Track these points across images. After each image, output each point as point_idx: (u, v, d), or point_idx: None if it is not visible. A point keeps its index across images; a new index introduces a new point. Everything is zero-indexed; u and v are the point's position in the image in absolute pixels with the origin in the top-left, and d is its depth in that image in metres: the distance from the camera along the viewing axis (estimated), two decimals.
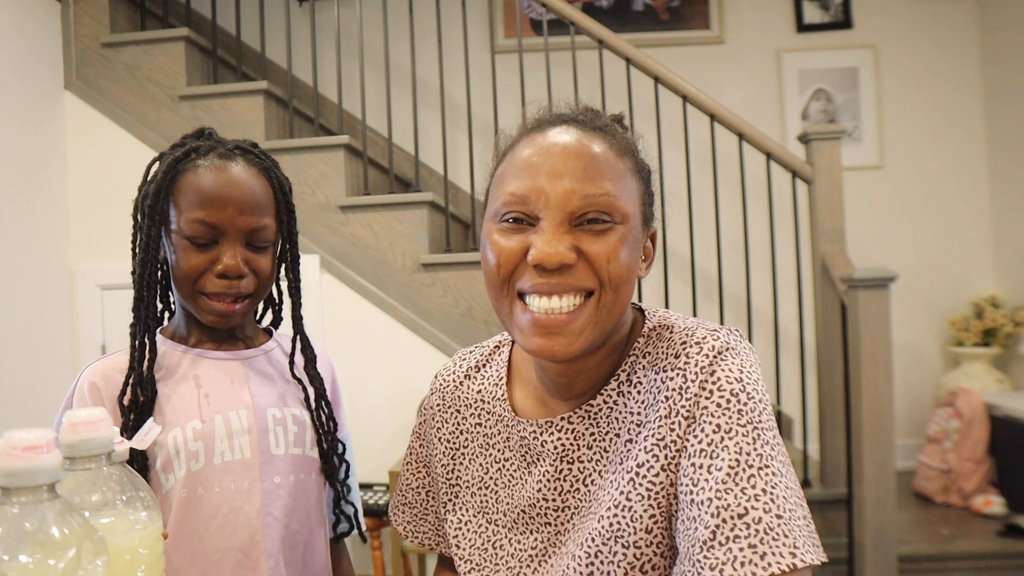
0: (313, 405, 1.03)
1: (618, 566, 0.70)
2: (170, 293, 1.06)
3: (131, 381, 0.96)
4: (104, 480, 0.61)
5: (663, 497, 0.69)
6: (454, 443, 0.87)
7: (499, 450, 0.83)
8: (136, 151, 2.73)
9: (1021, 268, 3.40)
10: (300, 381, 1.05)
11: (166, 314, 1.07)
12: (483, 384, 0.87)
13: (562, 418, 0.77)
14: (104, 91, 2.77)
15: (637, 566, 0.69)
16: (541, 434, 0.78)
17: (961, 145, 3.59)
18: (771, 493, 0.64)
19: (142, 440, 0.79)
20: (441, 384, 0.90)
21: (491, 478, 0.83)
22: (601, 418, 0.76)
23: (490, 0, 3.15)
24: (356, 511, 1.11)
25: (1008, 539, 2.47)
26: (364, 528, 1.13)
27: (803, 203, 2.72)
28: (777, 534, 0.62)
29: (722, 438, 0.67)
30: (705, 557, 0.63)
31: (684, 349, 0.72)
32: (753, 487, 0.64)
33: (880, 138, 3.59)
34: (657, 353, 0.74)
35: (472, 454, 0.85)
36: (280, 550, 0.96)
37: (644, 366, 0.75)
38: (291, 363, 1.05)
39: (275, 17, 3.14)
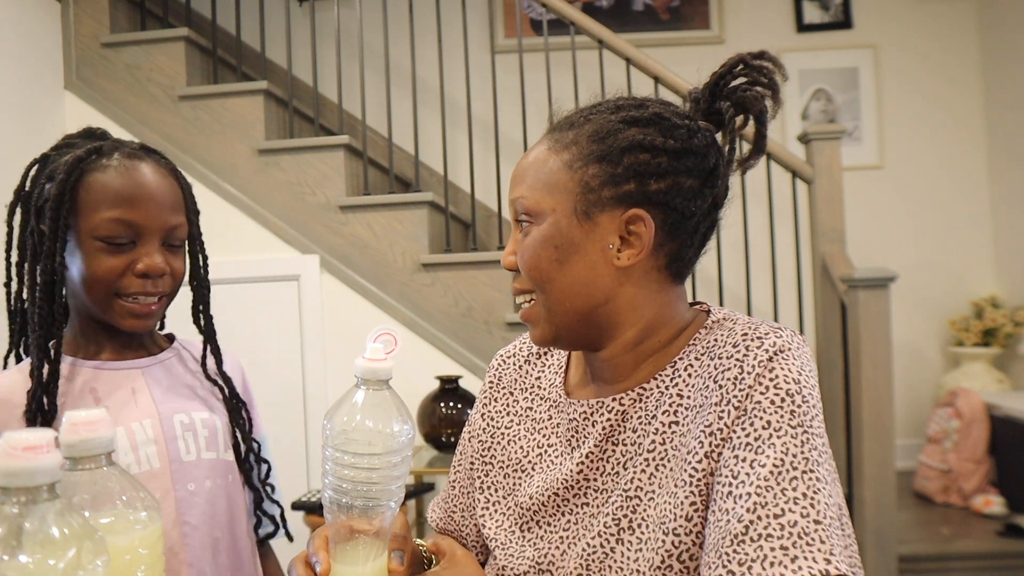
0: (227, 406, 1.03)
1: (655, 552, 0.69)
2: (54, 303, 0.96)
3: (35, 402, 0.89)
4: (104, 480, 0.61)
5: (704, 485, 0.68)
6: (497, 422, 0.88)
7: (544, 435, 0.83)
8: None
9: (1021, 268, 3.40)
10: (215, 382, 1.04)
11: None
12: (543, 371, 0.88)
13: (613, 399, 0.77)
14: (104, 91, 2.77)
15: (675, 554, 0.68)
16: (592, 414, 0.78)
17: (961, 145, 3.59)
18: (812, 498, 0.63)
19: None
20: (499, 364, 0.92)
21: (529, 462, 0.83)
22: (650, 402, 0.75)
23: (490, 0, 3.15)
24: (281, 511, 1.10)
25: (1008, 539, 2.47)
26: (288, 528, 1.12)
27: (803, 203, 2.72)
28: (812, 539, 0.61)
29: (770, 435, 0.65)
30: (735, 551, 0.62)
31: (744, 341, 0.70)
32: (794, 489, 0.63)
33: (880, 138, 3.59)
34: (714, 341, 0.74)
35: (514, 435, 0.86)
36: (201, 558, 0.93)
37: (700, 353, 0.74)
38: (204, 364, 1.05)
39: (275, 17, 3.14)
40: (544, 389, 0.86)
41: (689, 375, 0.74)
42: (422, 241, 2.67)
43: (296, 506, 2.29)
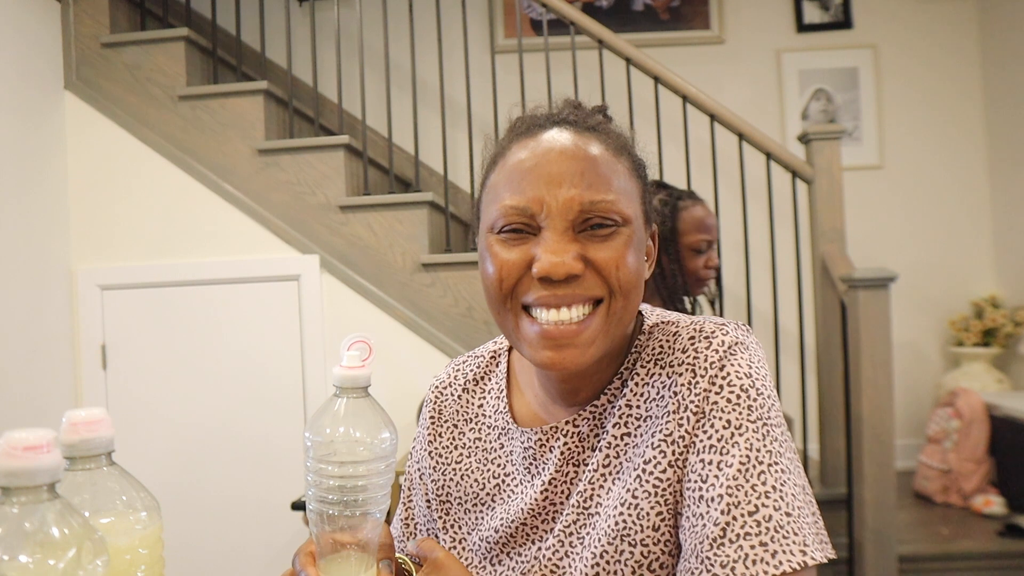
0: None
1: (625, 564, 0.69)
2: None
3: None
4: (104, 480, 0.61)
5: (670, 494, 0.68)
6: (446, 458, 0.84)
7: (499, 465, 0.80)
8: (136, 151, 2.73)
9: (1021, 268, 3.40)
10: None
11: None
12: (484, 398, 0.84)
13: (567, 422, 0.75)
14: (104, 91, 2.77)
15: (644, 564, 0.68)
16: (547, 440, 0.76)
17: (961, 145, 3.59)
18: (780, 491, 0.64)
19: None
20: (437, 396, 0.88)
21: (487, 494, 0.80)
22: (605, 417, 0.74)
23: (490, 0, 3.15)
24: None
25: (1008, 539, 2.47)
26: None
27: (803, 203, 2.72)
28: (787, 532, 0.62)
29: (732, 434, 0.66)
30: (715, 554, 0.63)
31: (692, 344, 0.71)
32: (764, 483, 0.64)
33: (880, 138, 3.59)
34: (660, 348, 0.74)
35: (467, 469, 0.83)
36: None
37: (645, 361, 0.74)
38: None
39: (275, 17, 3.14)
40: (489, 417, 0.83)
41: (636, 384, 0.73)
42: (422, 241, 2.67)
43: (296, 506, 2.30)
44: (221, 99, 2.74)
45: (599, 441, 0.74)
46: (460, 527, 0.82)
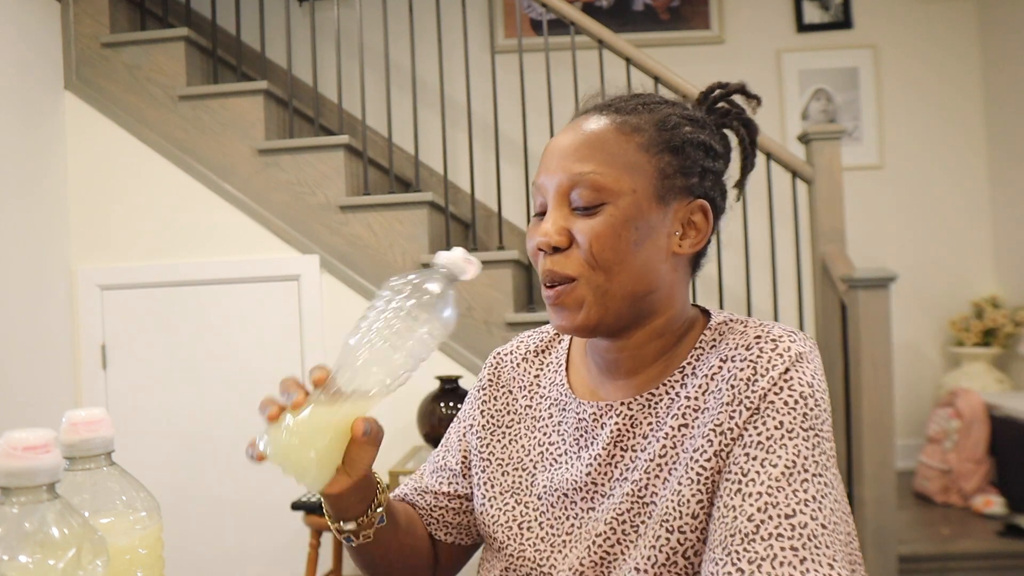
0: None
1: (660, 551, 0.69)
2: None
3: None
4: (104, 480, 0.61)
5: (711, 483, 0.69)
6: (496, 420, 0.88)
7: (545, 433, 0.84)
8: (136, 151, 2.73)
9: (1021, 268, 3.40)
10: None
11: None
12: (541, 369, 0.88)
13: (622, 403, 0.77)
14: (104, 91, 2.77)
15: (680, 551, 0.69)
16: (600, 416, 0.78)
17: (961, 145, 3.59)
18: (820, 502, 0.64)
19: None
20: (497, 362, 0.92)
21: (531, 460, 0.83)
22: (661, 408, 0.75)
23: (490, 0, 3.15)
24: None
25: (1008, 539, 2.47)
26: None
27: (803, 203, 2.72)
28: (819, 543, 0.62)
29: (783, 436, 0.66)
30: (745, 550, 0.62)
31: (758, 343, 0.72)
32: (805, 491, 0.64)
33: (880, 138, 3.59)
34: (724, 343, 0.75)
35: (515, 434, 0.86)
36: None
37: (709, 356, 0.75)
38: None
39: (275, 17, 3.14)
40: (544, 387, 0.86)
41: (696, 375, 0.74)
42: (422, 241, 2.67)
43: (296, 506, 2.30)
44: (221, 99, 2.74)
45: (653, 431, 0.75)
46: (494, 486, 0.85)
